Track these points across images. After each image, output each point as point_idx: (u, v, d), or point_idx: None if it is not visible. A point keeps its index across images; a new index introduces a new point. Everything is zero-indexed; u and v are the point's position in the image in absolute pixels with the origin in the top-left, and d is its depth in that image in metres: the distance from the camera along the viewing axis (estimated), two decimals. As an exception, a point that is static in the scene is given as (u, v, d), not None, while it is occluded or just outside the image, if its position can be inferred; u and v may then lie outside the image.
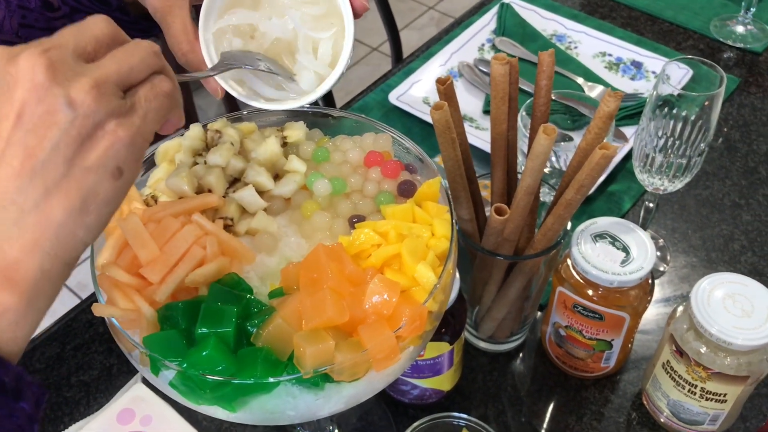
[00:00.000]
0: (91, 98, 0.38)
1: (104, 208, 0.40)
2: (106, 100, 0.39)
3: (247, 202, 0.58)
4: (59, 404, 0.83)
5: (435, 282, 0.50)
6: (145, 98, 0.42)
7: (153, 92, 0.42)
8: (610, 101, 0.65)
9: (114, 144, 0.39)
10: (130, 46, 0.42)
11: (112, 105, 0.39)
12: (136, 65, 0.41)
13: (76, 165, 0.38)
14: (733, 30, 1.25)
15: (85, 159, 0.39)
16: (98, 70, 0.40)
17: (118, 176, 0.40)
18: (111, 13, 0.73)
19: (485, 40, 1.24)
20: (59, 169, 0.38)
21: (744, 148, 1.07)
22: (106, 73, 0.40)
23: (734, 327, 0.65)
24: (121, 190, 0.41)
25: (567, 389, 0.82)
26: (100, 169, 0.39)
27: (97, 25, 0.42)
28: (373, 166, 0.62)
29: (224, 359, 0.46)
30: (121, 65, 0.41)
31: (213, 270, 0.50)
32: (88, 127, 0.39)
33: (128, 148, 0.40)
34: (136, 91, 0.42)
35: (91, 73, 0.39)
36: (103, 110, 0.39)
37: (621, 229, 0.73)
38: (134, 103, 0.41)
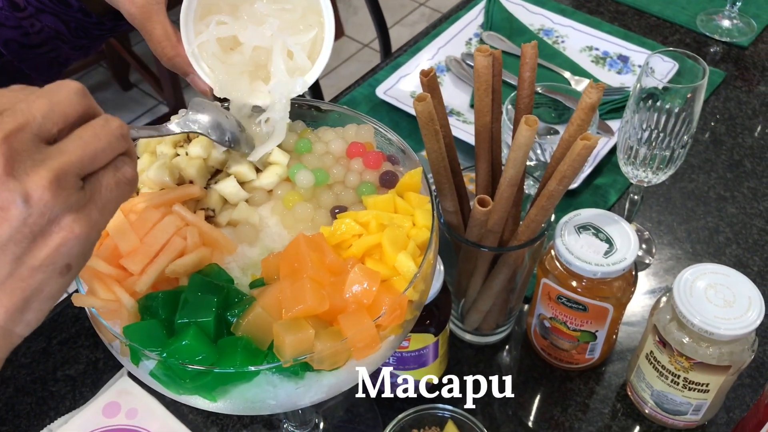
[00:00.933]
0: (50, 194, 0.36)
1: (46, 304, 0.39)
2: (65, 195, 0.37)
3: (229, 193, 0.58)
4: (45, 399, 0.83)
5: (415, 271, 0.51)
6: (106, 187, 0.39)
7: (114, 180, 0.40)
8: (592, 92, 0.65)
9: (67, 241, 0.37)
10: (98, 126, 0.39)
11: (71, 200, 0.37)
12: (101, 150, 0.39)
13: (23, 264, 0.37)
14: (719, 24, 1.25)
15: (34, 257, 0.37)
16: (61, 158, 0.37)
17: (66, 272, 0.38)
18: (73, 14, 0.74)
19: (473, 34, 1.24)
20: (5, 268, 0.36)
21: (729, 142, 1.08)
22: (68, 162, 0.37)
23: (716, 317, 0.65)
24: (66, 285, 0.39)
25: (552, 381, 0.82)
26: (48, 267, 0.37)
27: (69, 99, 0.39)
28: (355, 157, 0.62)
29: (204, 348, 0.46)
30: (86, 151, 0.38)
31: (193, 260, 0.50)
32: (42, 224, 0.36)
33: (81, 245, 0.38)
34: (98, 178, 0.39)
35: (52, 163, 0.37)
36: (61, 206, 0.37)
37: (604, 220, 0.74)
38: (93, 194, 0.39)
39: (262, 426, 0.80)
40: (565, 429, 0.78)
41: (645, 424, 0.78)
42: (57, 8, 0.73)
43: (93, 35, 0.79)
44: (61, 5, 0.73)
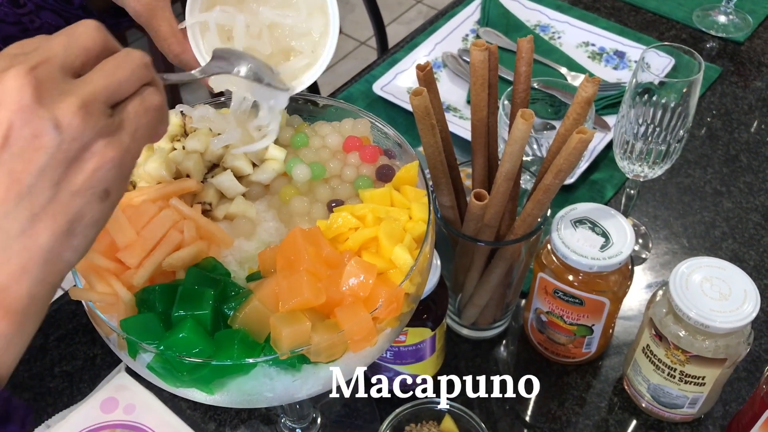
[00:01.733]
0: (79, 119, 0.37)
1: (90, 230, 0.40)
2: (93, 120, 0.38)
3: (226, 187, 0.58)
4: (42, 395, 0.83)
5: (411, 264, 0.51)
6: (135, 114, 0.41)
7: (143, 107, 0.41)
8: (587, 86, 0.65)
9: (102, 166, 0.38)
10: (121, 57, 0.41)
11: (100, 124, 0.38)
12: (125, 79, 0.40)
13: (63, 189, 0.38)
14: (715, 20, 1.26)
15: (72, 182, 0.38)
16: (87, 87, 0.38)
17: (105, 198, 0.39)
18: (73, 11, 0.74)
19: (469, 30, 1.24)
20: (46, 193, 0.37)
21: (725, 137, 1.08)
22: (94, 90, 0.38)
23: (712, 310, 0.66)
24: (108, 210, 0.40)
25: (549, 375, 0.82)
26: (87, 192, 0.38)
27: (88, 33, 0.40)
28: (352, 151, 0.62)
29: (201, 341, 0.46)
30: (111, 80, 0.39)
31: (190, 254, 0.50)
32: (76, 149, 0.37)
33: (116, 169, 0.39)
34: (125, 106, 0.40)
35: (79, 91, 0.38)
36: (91, 131, 0.38)
37: (600, 214, 0.74)
38: (123, 120, 0.40)
39: (260, 421, 0.81)
40: (562, 423, 0.78)
41: (642, 418, 0.78)
42: (58, 5, 0.73)
43: None
44: (62, 2, 0.73)
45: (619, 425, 0.78)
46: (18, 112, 0.36)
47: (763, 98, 1.14)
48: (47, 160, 0.37)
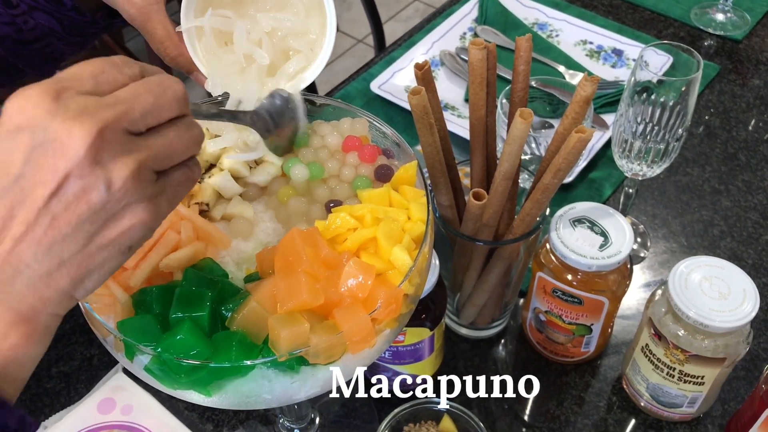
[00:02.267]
0: (130, 183, 0.38)
1: (104, 277, 0.42)
2: (142, 187, 0.39)
3: (223, 188, 0.58)
4: (39, 395, 0.82)
5: (410, 265, 0.51)
6: (177, 183, 0.42)
7: (185, 177, 0.43)
8: (586, 86, 0.65)
9: (134, 226, 0.40)
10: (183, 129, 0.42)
11: (147, 191, 0.40)
12: (180, 151, 0.42)
13: (93, 242, 0.39)
14: (713, 18, 1.25)
15: (103, 237, 0.39)
16: (145, 153, 0.39)
17: (127, 253, 0.41)
18: (66, 12, 0.73)
19: (467, 28, 1.24)
20: (78, 244, 0.39)
21: (724, 135, 1.08)
22: (151, 157, 0.40)
23: (711, 309, 0.65)
24: (124, 261, 0.42)
25: (548, 374, 0.82)
26: (115, 247, 0.40)
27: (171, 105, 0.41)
28: (351, 150, 0.62)
29: (198, 343, 0.46)
30: (168, 150, 0.41)
31: (187, 255, 0.50)
32: (117, 209, 0.39)
33: (145, 230, 0.41)
34: (171, 173, 0.42)
35: (138, 156, 0.39)
36: (138, 195, 0.39)
37: (599, 213, 0.74)
38: (165, 188, 0.41)
39: (258, 422, 0.80)
40: (561, 422, 0.78)
41: (640, 417, 0.78)
42: (50, 6, 0.72)
43: (87, 33, 0.78)
44: (54, 3, 0.72)
45: (618, 424, 0.78)
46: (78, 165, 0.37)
47: (761, 96, 1.14)
48: (89, 215, 0.38)
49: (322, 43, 0.62)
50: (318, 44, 0.62)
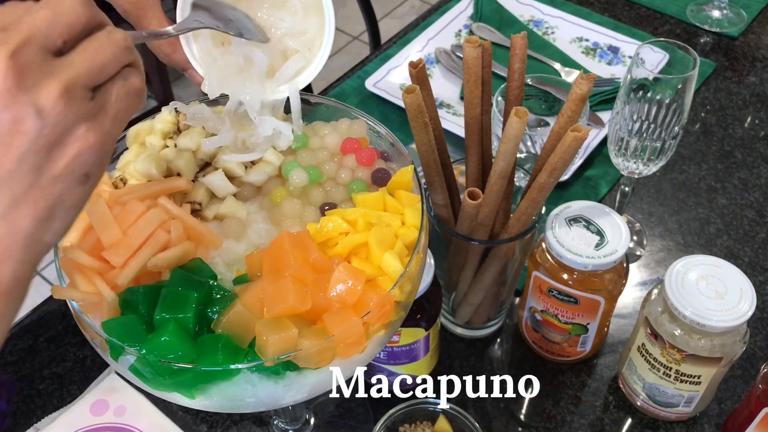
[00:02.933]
0: (61, 105, 0.37)
1: (70, 213, 0.40)
2: (76, 105, 0.38)
3: (216, 187, 0.57)
4: (32, 397, 0.82)
5: (401, 271, 0.50)
6: (116, 97, 0.40)
7: (124, 90, 0.41)
8: (582, 84, 0.65)
9: (83, 150, 0.38)
10: (103, 38, 0.40)
11: (82, 109, 0.38)
12: (108, 62, 0.40)
13: (43, 174, 0.38)
14: (709, 15, 1.25)
15: (53, 167, 0.38)
16: (69, 70, 0.38)
17: (86, 181, 0.39)
18: None
19: (462, 26, 1.23)
20: (27, 179, 0.37)
21: (720, 132, 1.08)
22: (76, 74, 0.38)
23: (708, 309, 0.65)
24: (87, 194, 0.40)
25: (544, 374, 0.82)
26: (68, 176, 0.38)
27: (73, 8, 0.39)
28: (349, 153, 0.61)
29: (183, 345, 0.45)
30: (93, 63, 0.39)
31: (177, 254, 0.49)
32: (57, 134, 0.37)
33: (97, 153, 0.39)
34: (107, 89, 0.40)
35: (61, 75, 0.37)
36: (73, 116, 0.38)
37: (595, 212, 0.73)
38: (104, 104, 0.40)
39: (252, 423, 0.80)
40: (557, 422, 0.78)
41: (637, 417, 0.78)
42: None
43: None
44: None
45: (615, 424, 0.78)
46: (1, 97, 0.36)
47: (758, 93, 1.13)
48: (29, 146, 0.37)
49: (321, 42, 0.61)
50: (316, 44, 0.61)
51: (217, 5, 0.56)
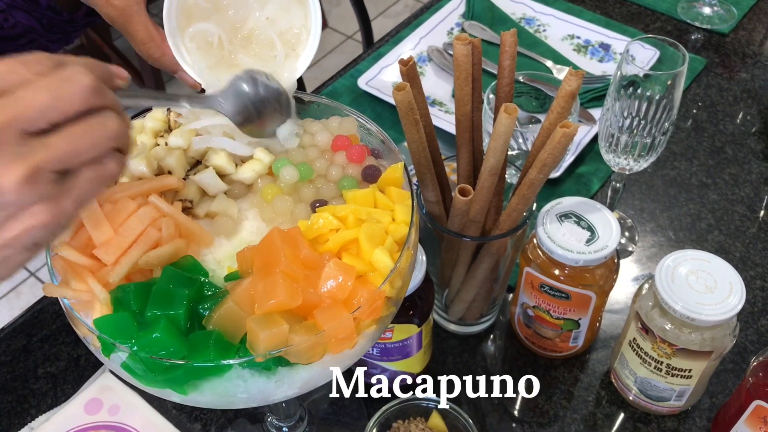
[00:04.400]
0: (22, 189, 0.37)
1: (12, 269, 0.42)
2: (37, 189, 0.38)
3: (207, 185, 0.57)
4: (25, 396, 0.82)
5: (391, 267, 0.50)
6: (86, 182, 0.40)
7: (97, 175, 0.40)
8: (572, 80, 0.65)
9: (34, 227, 0.39)
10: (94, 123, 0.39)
11: (43, 192, 0.38)
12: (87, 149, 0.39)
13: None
14: (699, 12, 1.26)
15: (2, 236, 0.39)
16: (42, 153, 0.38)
17: (33, 249, 0.41)
18: (42, 11, 0.73)
19: (454, 24, 1.23)
20: None
21: (711, 129, 1.08)
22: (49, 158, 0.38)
23: (698, 303, 0.65)
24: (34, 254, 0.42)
25: (537, 369, 0.82)
26: (16, 245, 0.40)
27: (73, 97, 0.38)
28: (340, 150, 0.62)
29: (174, 342, 0.45)
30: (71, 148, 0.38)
31: (168, 252, 0.50)
32: (11, 211, 0.38)
33: (48, 230, 0.40)
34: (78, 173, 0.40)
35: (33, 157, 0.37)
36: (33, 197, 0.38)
37: (586, 208, 0.74)
38: (71, 187, 0.40)
39: (247, 420, 0.80)
40: (550, 417, 0.78)
41: (629, 411, 0.78)
42: (27, 5, 0.72)
43: (66, 31, 0.77)
44: (30, 2, 0.71)
45: (607, 418, 0.78)
46: None
47: (748, 90, 1.14)
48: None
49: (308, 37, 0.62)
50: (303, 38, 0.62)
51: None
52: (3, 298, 2.07)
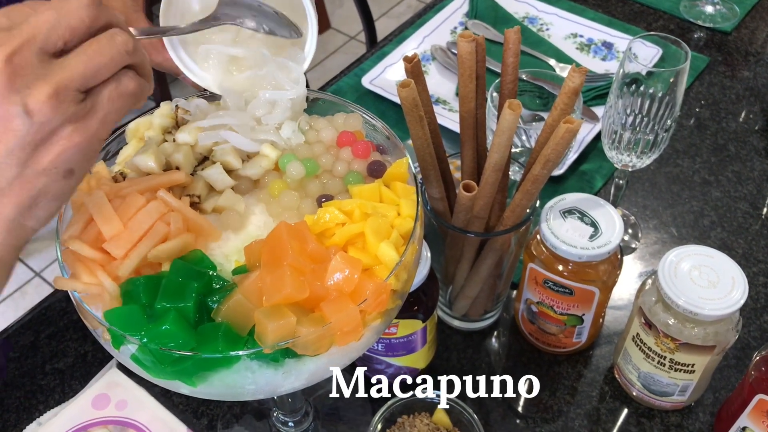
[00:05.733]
0: (49, 107, 0.39)
1: (53, 203, 0.42)
2: (64, 107, 0.40)
3: (215, 180, 0.58)
4: (34, 392, 0.82)
5: (397, 260, 0.51)
6: (108, 99, 0.42)
7: (117, 92, 0.42)
8: (575, 77, 0.65)
9: (67, 149, 0.41)
10: (104, 41, 0.42)
11: (69, 111, 0.40)
12: (105, 65, 0.41)
13: (29, 167, 0.40)
14: (702, 10, 1.26)
15: (38, 162, 0.40)
16: (62, 73, 0.40)
17: (70, 176, 0.42)
18: None
19: (458, 23, 1.24)
20: (12, 171, 0.40)
21: (713, 126, 1.09)
22: (70, 77, 0.40)
23: (700, 297, 0.66)
24: (71, 187, 0.43)
25: (540, 365, 0.83)
26: (51, 171, 0.41)
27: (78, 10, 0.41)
28: (345, 146, 0.62)
29: (183, 334, 0.46)
30: (88, 65, 0.41)
31: (176, 246, 0.50)
32: (44, 133, 0.40)
33: (82, 152, 0.41)
34: (99, 91, 0.42)
35: (54, 77, 0.39)
36: (60, 117, 0.40)
37: (589, 204, 0.74)
38: (95, 105, 0.41)
39: (252, 415, 0.81)
40: (554, 412, 0.79)
41: (633, 406, 0.79)
42: None
43: None
44: None
45: (611, 414, 0.79)
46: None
47: (751, 87, 1.14)
48: (16, 142, 0.39)
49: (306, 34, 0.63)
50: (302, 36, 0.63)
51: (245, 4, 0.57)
52: (8, 298, 2.08)
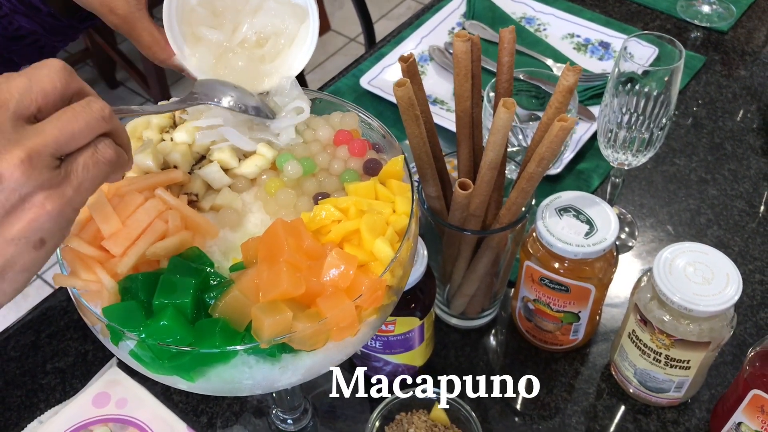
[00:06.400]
0: (20, 172, 0.38)
1: (21, 276, 0.41)
2: (36, 173, 0.38)
3: (212, 179, 0.58)
4: (35, 391, 0.83)
5: (392, 256, 0.51)
6: (84, 166, 0.41)
7: (93, 160, 0.41)
8: (569, 75, 0.66)
9: (39, 217, 0.39)
10: (79, 108, 0.41)
11: (42, 177, 0.39)
12: (80, 130, 0.40)
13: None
14: (699, 10, 1.27)
15: (6, 231, 0.39)
16: (35, 139, 0.38)
17: (40, 247, 0.40)
18: (43, 17, 0.74)
19: (455, 23, 1.25)
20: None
21: (710, 125, 1.09)
22: (43, 142, 0.39)
23: (695, 294, 0.66)
24: (42, 258, 0.41)
25: (537, 363, 0.83)
26: (21, 240, 0.39)
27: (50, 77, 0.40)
28: (342, 144, 0.63)
29: (181, 329, 0.46)
30: (63, 131, 0.39)
31: (174, 243, 0.51)
32: (14, 200, 0.38)
33: (54, 221, 0.40)
34: (75, 158, 0.41)
35: (27, 143, 0.38)
36: (33, 183, 0.38)
37: (584, 202, 0.75)
38: (69, 173, 0.40)
39: (252, 413, 0.81)
40: (551, 410, 0.79)
41: (629, 403, 0.79)
42: (28, 11, 0.73)
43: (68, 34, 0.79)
44: (31, 9, 0.73)
45: (608, 411, 0.79)
46: None
47: (747, 87, 1.15)
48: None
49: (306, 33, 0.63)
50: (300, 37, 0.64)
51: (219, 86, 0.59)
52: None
